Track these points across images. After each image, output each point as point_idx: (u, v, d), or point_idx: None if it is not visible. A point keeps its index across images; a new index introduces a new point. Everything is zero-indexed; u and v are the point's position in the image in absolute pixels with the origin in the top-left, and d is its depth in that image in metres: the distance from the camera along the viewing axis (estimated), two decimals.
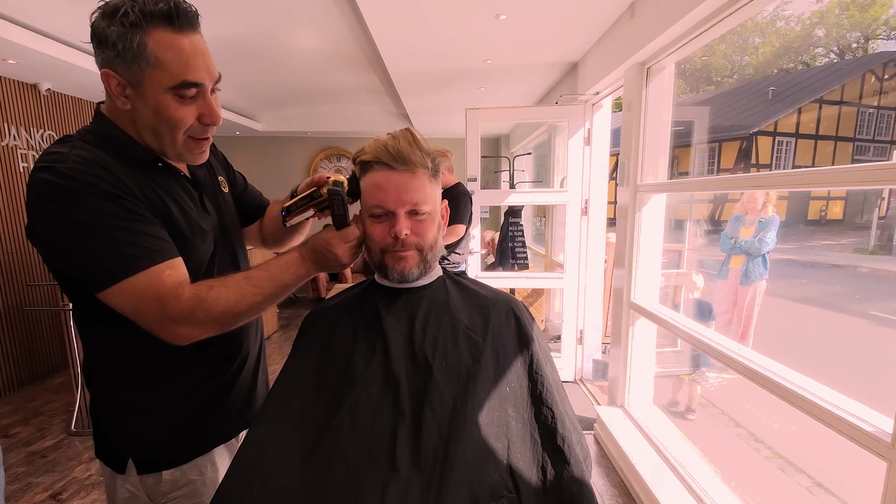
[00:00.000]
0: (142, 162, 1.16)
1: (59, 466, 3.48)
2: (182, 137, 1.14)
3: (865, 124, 13.69)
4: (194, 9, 1.10)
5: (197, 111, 1.13)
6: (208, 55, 1.12)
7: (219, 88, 1.17)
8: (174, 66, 1.06)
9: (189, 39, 1.07)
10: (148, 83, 1.06)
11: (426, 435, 1.07)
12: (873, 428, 1.55)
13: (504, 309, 1.26)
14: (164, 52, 1.04)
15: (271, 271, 1.18)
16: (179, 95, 1.09)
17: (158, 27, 1.04)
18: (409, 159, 1.17)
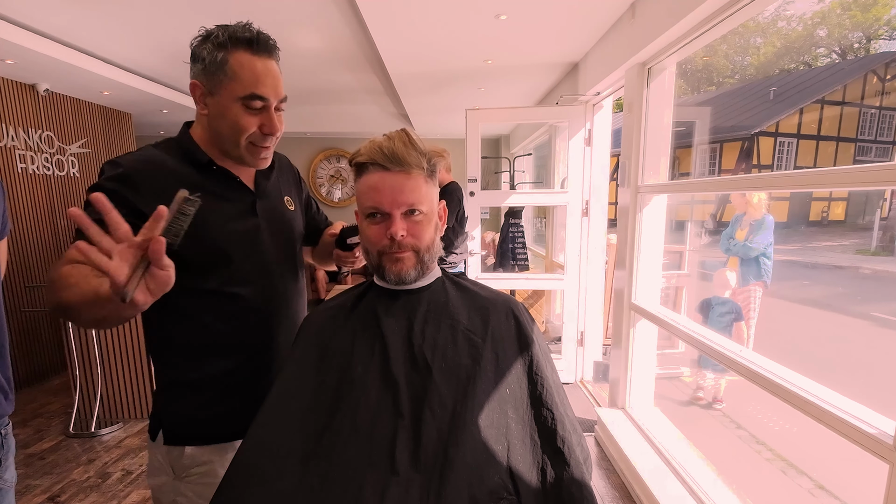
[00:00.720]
0: (200, 163, 1.36)
1: (58, 469, 3.47)
2: (244, 142, 1.33)
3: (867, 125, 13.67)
4: (273, 41, 1.35)
5: (259, 122, 1.32)
6: (278, 78, 1.34)
7: (282, 108, 1.37)
8: (246, 81, 1.28)
9: (263, 62, 1.31)
10: (224, 92, 1.29)
11: (426, 437, 1.06)
12: (875, 430, 1.54)
13: (504, 310, 1.25)
14: (240, 69, 1.28)
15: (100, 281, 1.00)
16: (247, 106, 1.29)
17: (240, 49, 1.29)
18: (404, 160, 1.17)
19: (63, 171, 5.54)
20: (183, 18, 3.76)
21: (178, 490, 1.39)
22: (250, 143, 1.35)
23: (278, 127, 1.36)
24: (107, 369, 4.10)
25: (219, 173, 1.39)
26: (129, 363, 4.10)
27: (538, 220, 8.97)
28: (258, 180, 1.48)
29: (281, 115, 1.38)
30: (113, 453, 3.66)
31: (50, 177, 5.37)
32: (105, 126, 6.24)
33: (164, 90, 5.76)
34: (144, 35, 4.15)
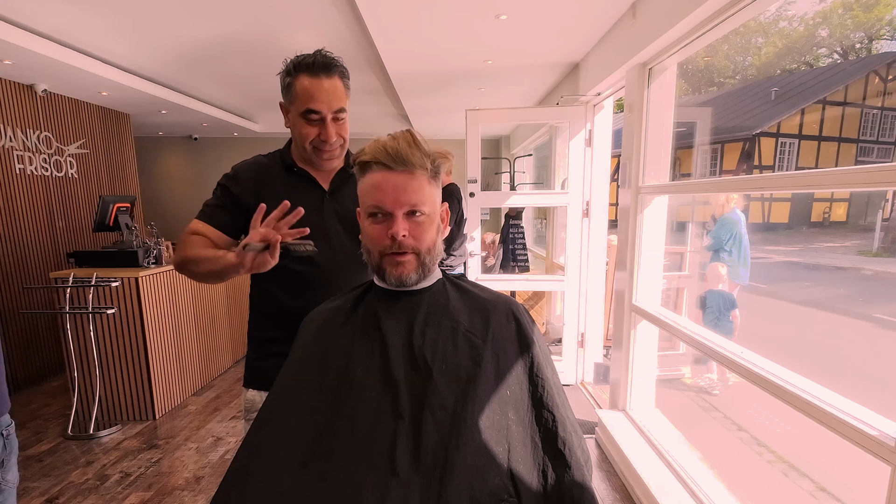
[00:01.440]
0: (286, 165, 1.74)
1: (56, 471, 3.46)
2: (309, 147, 1.65)
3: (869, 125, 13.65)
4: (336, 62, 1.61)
5: (318, 131, 1.62)
6: (332, 93, 1.59)
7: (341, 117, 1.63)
8: (304, 99, 1.59)
9: (319, 81, 1.58)
10: (293, 109, 1.64)
11: (426, 439, 1.05)
12: (877, 432, 1.54)
13: (504, 311, 1.24)
14: (300, 90, 1.59)
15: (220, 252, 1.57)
16: (306, 119, 1.61)
17: (301, 73, 1.58)
18: (408, 160, 1.16)
19: (61, 172, 5.53)
20: (182, 19, 3.75)
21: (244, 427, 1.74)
22: (314, 148, 1.65)
23: (332, 134, 1.62)
24: (105, 371, 4.09)
25: (298, 173, 1.74)
26: (128, 365, 4.09)
27: (539, 221, 8.97)
28: (334, 180, 1.76)
29: (343, 123, 1.66)
30: (111, 455, 3.65)
31: (48, 178, 5.36)
32: (103, 127, 6.23)
33: (162, 91, 5.75)
34: (143, 35, 4.15)
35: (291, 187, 1.69)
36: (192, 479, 3.34)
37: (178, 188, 9.65)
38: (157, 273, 4.19)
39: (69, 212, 5.63)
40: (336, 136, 1.64)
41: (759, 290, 9.40)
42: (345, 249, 1.71)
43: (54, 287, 3.94)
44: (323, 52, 1.61)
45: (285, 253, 1.44)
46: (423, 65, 4.67)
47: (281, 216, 1.44)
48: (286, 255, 1.45)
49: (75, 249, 5.16)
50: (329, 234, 1.70)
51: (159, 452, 3.69)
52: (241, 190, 1.70)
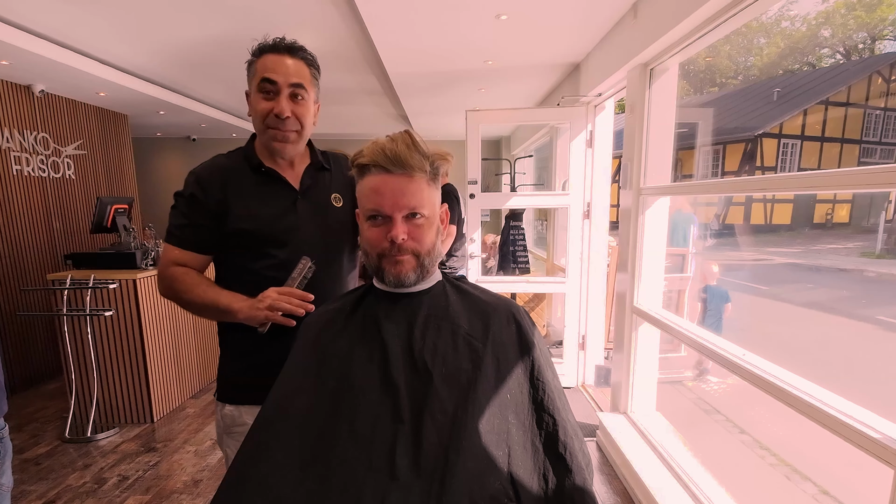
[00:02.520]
0: (253, 165, 1.63)
1: (53, 474, 3.44)
2: (263, 126, 1.56)
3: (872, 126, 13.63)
4: (299, 46, 1.57)
5: (272, 105, 1.53)
6: (294, 68, 1.54)
7: (300, 95, 1.56)
8: (261, 71, 1.53)
9: (280, 57, 1.53)
10: (251, 87, 1.57)
11: (426, 443, 1.05)
12: (880, 434, 1.53)
13: (504, 314, 1.24)
14: (260, 65, 1.54)
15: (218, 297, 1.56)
16: (262, 91, 1.53)
17: (265, 53, 1.54)
18: (407, 163, 1.15)
19: (58, 174, 5.51)
20: (180, 19, 3.74)
21: (227, 443, 1.69)
22: (268, 128, 1.55)
23: (285, 108, 1.53)
24: (103, 373, 4.07)
25: (266, 174, 1.63)
26: (126, 367, 4.08)
27: (539, 223, 8.97)
28: (304, 179, 1.68)
29: (303, 104, 1.58)
30: (109, 458, 3.64)
31: (45, 179, 5.34)
32: (101, 128, 6.21)
33: (160, 91, 5.74)
34: (141, 36, 4.14)
35: (261, 190, 1.63)
36: (191, 483, 3.33)
37: (176, 189, 9.55)
38: (155, 275, 4.13)
39: (66, 213, 5.61)
40: (291, 114, 1.55)
41: (760, 291, 9.39)
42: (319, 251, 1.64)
43: (51, 289, 3.92)
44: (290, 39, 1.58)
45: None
46: (423, 65, 4.66)
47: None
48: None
49: (73, 251, 5.17)
50: (304, 238, 1.63)
51: (157, 455, 3.67)
52: (207, 197, 1.59)
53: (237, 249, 1.61)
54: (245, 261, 1.61)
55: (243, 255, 1.61)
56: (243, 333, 1.60)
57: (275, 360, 1.52)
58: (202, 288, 1.58)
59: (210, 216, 1.59)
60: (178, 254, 1.62)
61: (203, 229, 1.60)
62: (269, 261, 1.60)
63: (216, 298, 1.56)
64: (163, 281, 1.63)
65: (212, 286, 1.60)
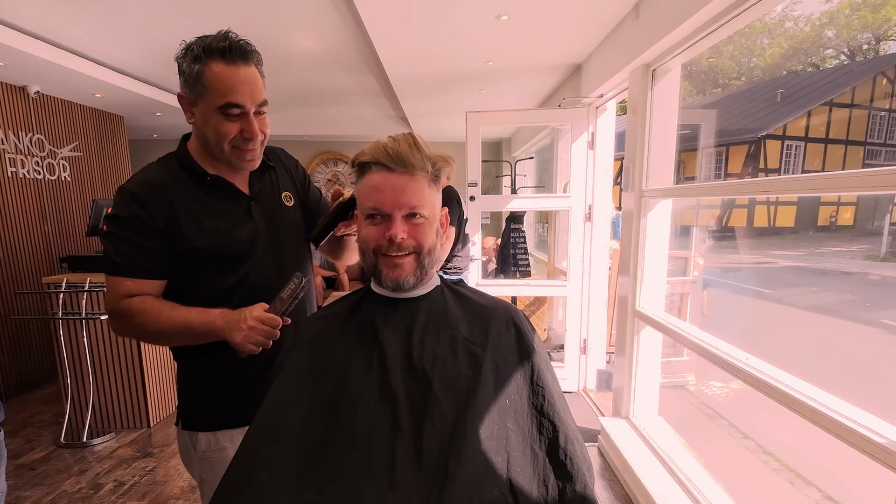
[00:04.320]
0: (196, 175, 1.48)
1: (49, 479, 3.43)
2: (227, 147, 1.43)
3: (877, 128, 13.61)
4: (251, 47, 1.41)
5: (240, 127, 1.41)
6: (255, 84, 1.41)
7: (264, 111, 1.46)
8: (222, 90, 1.36)
9: (236, 70, 1.37)
10: (203, 102, 1.39)
11: (426, 450, 1.05)
12: (884, 439, 1.51)
13: (504, 318, 1.23)
14: (215, 80, 1.36)
15: (191, 317, 1.41)
16: (225, 114, 1.38)
17: (214, 59, 1.35)
18: (408, 161, 1.14)
19: (54, 176, 5.49)
20: (177, 19, 3.73)
21: (202, 468, 1.58)
22: (234, 148, 1.44)
23: (257, 131, 1.44)
24: (99, 378, 4.06)
25: (213, 183, 1.50)
26: (122, 372, 4.06)
27: (540, 225, 8.96)
28: (252, 182, 1.58)
29: (265, 118, 1.47)
30: (105, 464, 3.62)
31: (40, 181, 5.32)
32: (97, 129, 6.19)
33: (157, 92, 5.72)
34: (137, 36, 4.13)
35: (210, 201, 1.49)
36: (188, 488, 3.31)
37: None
38: None
39: (62, 216, 5.59)
40: (260, 133, 1.45)
41: (764, 295, 9.37)
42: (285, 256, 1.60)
43: (47, 292, 3.93)
44: (232, 34, 1.39)
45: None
46: (423, 66, 4.64)
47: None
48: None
49: (68, 254, 5.14)
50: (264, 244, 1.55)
51: (154, 461, 3.65)
52: (153, 217, 1.41)
53: (194, 270, 1.47)
54: (204, 280, 1.48)
55: (201, 274, 1.47)
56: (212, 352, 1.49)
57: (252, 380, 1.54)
58: (167, 314, 1.41)
59: (159, 237, 1.42)
60: (131, 284, 1.42)
61: (155, 252, 1.43)
62: (232, 277, 1.49)
63: (188, 320, 1.40)
64: (118, 320, 1.44)
65: (175, 308, 1.43)
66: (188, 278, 1.48)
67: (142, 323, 1.40)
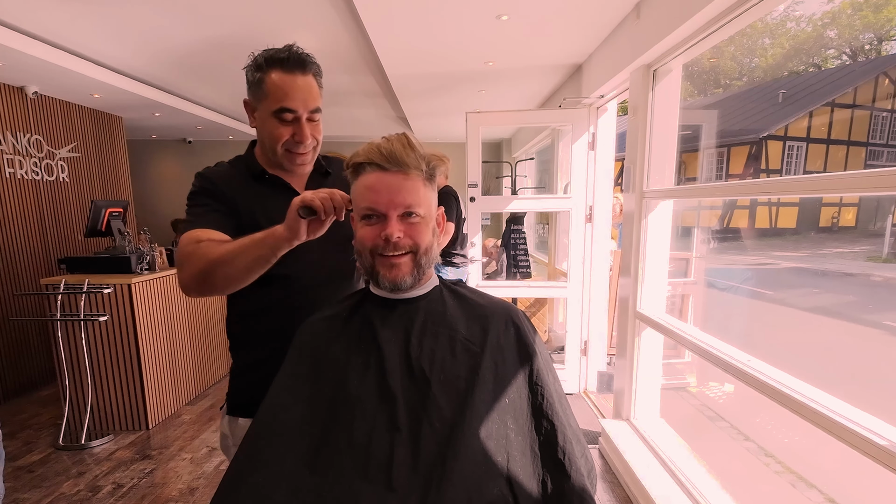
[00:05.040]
0: (255, 174, 1.61)
1: (47, 482, 3.42)
2: (280, 150, 1.54)
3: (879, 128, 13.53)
4: (310, 59, 1.52)
5: (292, 131, 1.51)
6: (309, 91, 1.50)
7: (316, 118, 1.54)
8: (277, 96, 1.47)
9: (293, 78, 1.48)
10: (262, 107, 1.52)
11: (424, 451, 1.05)
12: (887, 442, 1.51)
13: (503, 318, 1.23)
14: (272, 86, 1.48)
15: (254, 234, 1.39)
16: (279, 118, 1.49)
17: (274, 69, 1.47)
18: (403, 160, 1.15)
19: (52, 176, 5.49)
20: (175, 20, 3.73)
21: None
22: (286, 151, 1.54)
23: (308, 135, 1.52)
24: (97, 380, 4.04)
25: (270, 181, 1.62)
26: (121, 373, 4.05)
27: (541, 227, 8.95)
28: (308, 186, 1.65)
29: (317, 125, 1.56)
30: (104, 466, 3.61)
31: (39, 182, 5.32)
32: (96, 130, 6.19)
33: (156, 93, 5.72)
34: (136, 36, 4.12)
35: (265, 197, 1.59)
36: (186, 491, 3.30)
37: (172, 193, 9.57)
38: (151, 279, 4.14)
39: (60, 217, 5.59)
40: (311, 138, 1.53)
41: (766, 296, 9.36)
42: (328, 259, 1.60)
43: (45, 294, 3.92)
44: (295, 47, 1.51)
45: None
46: (423, 66, 4.64)
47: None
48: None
49: (66, 255, 5.15)
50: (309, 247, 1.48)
51: (152, 463, 3.64)
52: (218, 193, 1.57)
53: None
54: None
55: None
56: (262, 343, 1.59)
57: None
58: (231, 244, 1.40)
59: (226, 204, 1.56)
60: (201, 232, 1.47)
61: (224, 214, 1.55)
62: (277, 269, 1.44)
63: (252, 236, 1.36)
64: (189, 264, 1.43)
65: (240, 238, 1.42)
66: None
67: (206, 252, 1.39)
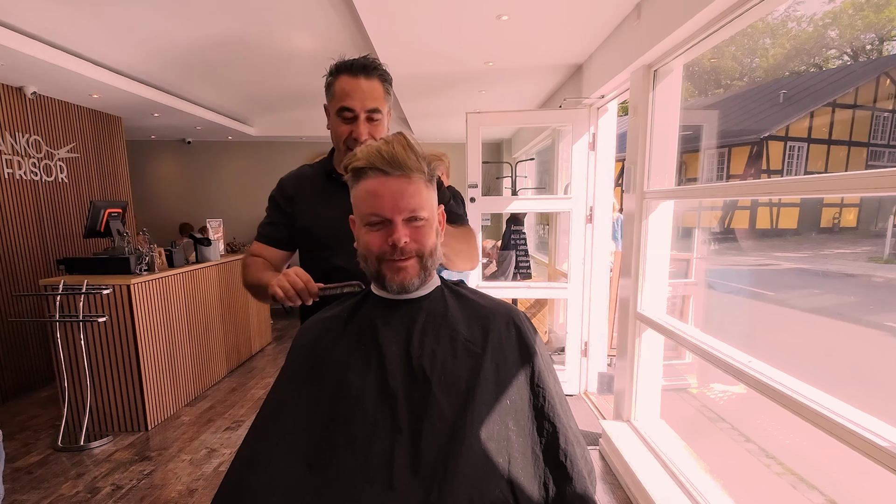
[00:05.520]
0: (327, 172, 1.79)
1: (46, 483, 3.40)
2: (343, 147, 1.68)
3: (880, 129, 13.49)
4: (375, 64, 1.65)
5: (351, 129, 1.65)
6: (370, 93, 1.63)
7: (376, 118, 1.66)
8: (340, 96, 1.64)
9: (356, 81, 1.63)
10: (331, 108, 1.69)
11: (424, 451, 1.05)
12: (888, 443, 1.50)
13: (504, 320, 1.23)
14: (338, 89, 1.64)
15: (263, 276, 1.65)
16: (341, 117, 1.65)
17: (342, 74, 1.64)
18: (405, 164, 1.13)
19: (51, 177, 5.48)
20: (174, 19, 3.73)
21: None
22: (347, 148, 1.66)
23: (363, 133, 1.64)
24: (96, 380, 4.03)
25: (335, 180, 1.75)
26: (120, 374, 4.04)
27: (541, 227, 8.94)
28: None
29: (377, 125, 1.68)
30: (103, 467, 3.59)
31: (37, 182, 5.31)
32: (94, 130, 6.18)
33: (155, 93, 5.71)
34: (134, 36, 4.12)
35: (328, 194, 1.77)
36: (186, 492, 3.29)
37: (172, 193, 9.58)
38: (150, 280, 4.13)
39: (59, 217, 5.58)
40: (368, 136, 1.64)
41: (766, 297, 9.34)
42: None
43: (44, 295, 3.90)
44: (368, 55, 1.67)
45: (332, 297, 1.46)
46: (423, 66, 4.63)
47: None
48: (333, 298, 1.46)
49: (65, 256, 5.12)
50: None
51: (152, 464, 3.63)
52: (283, 199, 1.82)
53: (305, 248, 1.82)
54: (308, 259, 1.80)
55: (306, 254, 1.82)
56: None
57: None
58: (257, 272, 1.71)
59: (284, 215, 1.81)
60: (256, 247, 1.84)
61: (279, 227, 1.82)
62: (328, 261, 1.71)
63: (260, 278, 1.66)
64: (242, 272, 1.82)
65: (265, 269, 1.73)
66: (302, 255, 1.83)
67: (244, 274, 1.78)
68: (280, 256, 1.85)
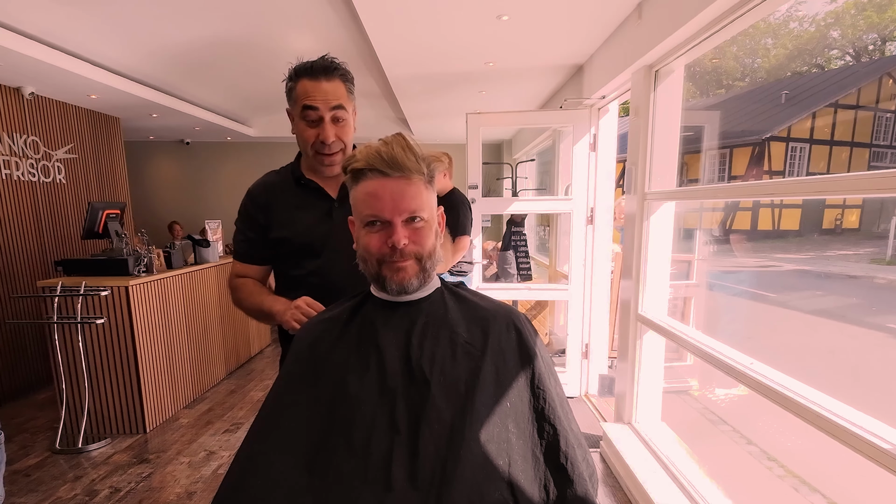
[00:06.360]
0: (295, 178, 1.75)
1: (44, 486, 3.40)
2: (311, 152, 1.67)
3: (882, 129, 13.48)
4: (335, 65, 1.64)
5: (317, 132, 1.63)
6: (333, 92, 1.62)
7: (341, 117, 1.65)
8: (301, 98, 1.61)
9: (317, 82, 1.61)
10: (294, 113, 1.67)
11: (423, 453, 1.04)
12: (890, 445, 1.50)
13: (504, 321, 1.22)
14: (300, 91, 1.62)
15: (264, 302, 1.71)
16: (304, 119, 1.63)
17: (302, 78, 1.62)
18: (405, 165, 1.13)
19: (49, 178, 5.48)
20: (173, 20, 3.73)
21: None
22: (316, 152, 1.67)
23: (330, 134, 1.63)
24: (94, 383, 4.03)
25: (306, 185, 1.75)
26: (118, 377, 4.03)
27: (541, 229, 8.94)
28: (342, 188, 1.74)
29: (343, 126, 1.68)
30: (101, 470, 3.59)
31: (35, 183, 5.31)
32: (92, 131, 6.18)
33: (153, 93, 5.72)
34: (133, 37, 4.12)
35: (300, 200, 1.75)
36: (184, 495, 3.28)
37: (170, 194, 9.61)
38: (148, 282, 4.13)
39: (57, 218, 5.58)
40: (335, 138, 1.64)
41: (768, 299, 9.33)
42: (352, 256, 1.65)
43: (42, 296, 3.90)
44: (326, 57, 1.64)
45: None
46: (423, 67, 4.63)
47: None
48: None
49: (63, 257, 5.12)
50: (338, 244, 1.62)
51: (150, 467, 3.62)
52: (255, 211, 1.77)
53: (281, 258, 1.77)
54: (288, 268, 1.77)
55: (286, 264, 1.77)
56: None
57: None
58: (254, 296, 1.75)
59: (258, 228, 1.76)
60: (239, 267, 1.84)
61: (254, 242, 1.79)
62: (306, 268, 1.71)
63: (261, 303, 1.70)
64: (230, 293, 1.85)
65: (262, 293, 1.76)
66: (280, 265, 1.80)
67: (238, 298, 1.80)
68: (264, 272, 1.86)
